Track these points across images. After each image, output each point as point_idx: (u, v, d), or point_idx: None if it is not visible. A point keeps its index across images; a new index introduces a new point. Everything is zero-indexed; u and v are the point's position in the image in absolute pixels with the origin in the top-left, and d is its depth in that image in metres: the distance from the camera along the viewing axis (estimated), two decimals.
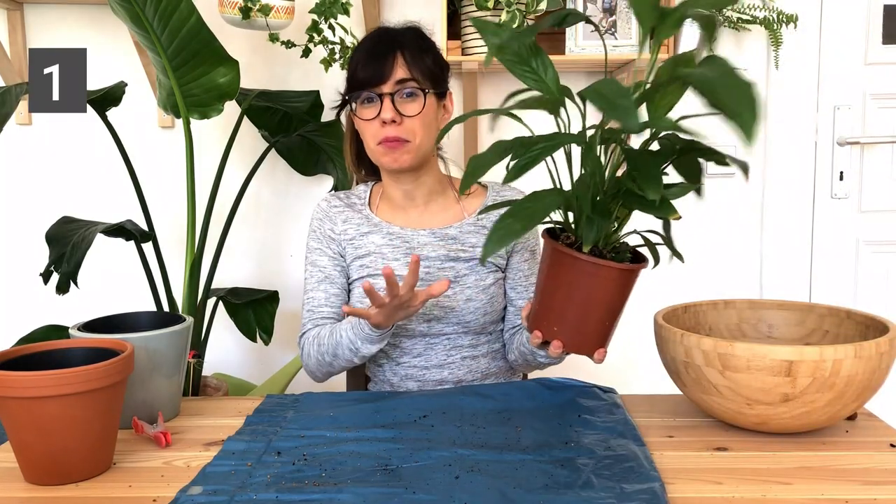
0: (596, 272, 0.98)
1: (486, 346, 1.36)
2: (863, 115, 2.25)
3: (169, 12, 1.58)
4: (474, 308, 1.32)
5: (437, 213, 1.37)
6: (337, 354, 1.28)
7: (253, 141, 2.19)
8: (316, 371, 1.35)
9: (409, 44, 1.29)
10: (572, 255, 0.97)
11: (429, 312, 1.31)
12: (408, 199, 1.37)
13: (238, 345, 2.26)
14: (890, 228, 2.29)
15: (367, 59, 1.27)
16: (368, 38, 1.32)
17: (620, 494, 0.82)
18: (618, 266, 0.98)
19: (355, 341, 1.25)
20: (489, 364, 1.37)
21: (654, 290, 1.79)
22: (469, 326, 1.33)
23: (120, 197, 2.19)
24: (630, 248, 1.03)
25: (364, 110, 1.29)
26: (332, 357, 1.29)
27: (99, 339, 1.03)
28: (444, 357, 1.34)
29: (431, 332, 1.33)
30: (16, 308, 2.29)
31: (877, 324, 1.04)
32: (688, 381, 1.02)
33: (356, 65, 1.28)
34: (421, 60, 1.29)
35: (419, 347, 1.34)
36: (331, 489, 0.84)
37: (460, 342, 1.34)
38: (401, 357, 1.35)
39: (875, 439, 1.00)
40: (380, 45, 1.28)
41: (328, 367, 1.32)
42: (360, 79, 1.27)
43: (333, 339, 1.28)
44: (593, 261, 0.97)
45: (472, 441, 0.98)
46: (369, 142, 1.30)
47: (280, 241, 2.31)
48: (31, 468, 0.91)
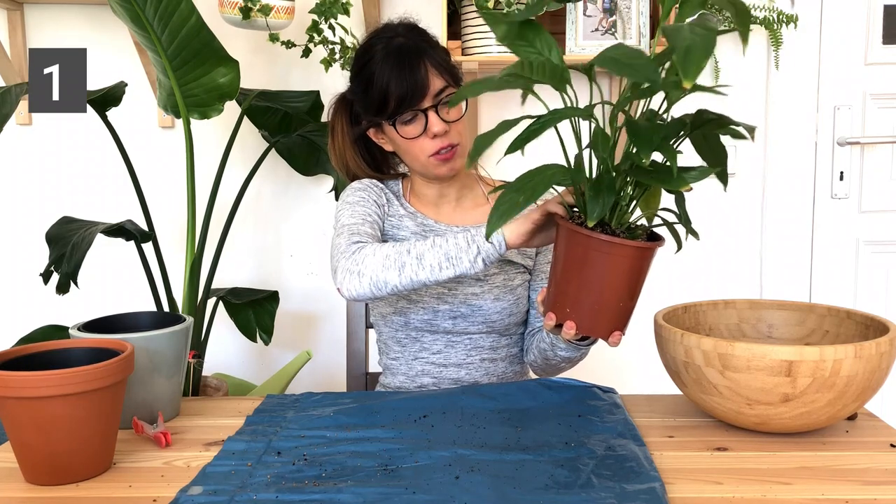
0: (609, 250, 0.96)
1: (505, 349, 1.36)
2: (863, 115, 2.25)
3: (169, 12, 1.58)
4: (501, 308, 1.31)
5: (468, 210, 1.37)
6: (406, 263, 1.13)
7: (253, 141, 2.19)
8: (363, 282, 1.16)
9: (426, 48, 1.25)
10: (584, 233, 0.96)
11: (455, 310, 1.31)
12: (440, 197, 1.36)
13: (238, 345, 2.26)
14: (890, 228, 2.29)
15: (398, 76, 1.21)
16: (386, 52, 1.23)
17: (620, 494, 0.82)
18: (631, 244, 0.96)
19: (462, 252, 1.11)
20: (506, 368, 1.36)
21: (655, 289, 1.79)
22: (494, 326, 1.33)
23: (120, 197, 2.20)
24: (646, 228, 1.01)
25: (406, 128, 1.25)
26: (400, 267, 1.14)
27: (99, 339, 1.03)
28: (464, 357, 1.33)
29: (455, 331, 1.32)
30: (16, 308, 2.29)
31: (877, 324, 1.04)
32: (688, 381, 1.02)
33: (386, 83, 1.22)
34: (442, 61, 1.26)
35: (439, 345, 1.34)
36: (331, 489, 0.84)
37: (482, 343, 1.34)
38: (420, 352, 1.35)
39: (875, 439, 1.00)
40: (405, 59, 1.22)
41: (382, 279, 1.15)
42: (399, 97, 1.22)
43: (416, 248, 1.14)
44: (606, 238, 0.95)
45: (473, 441, 0.98)
46: (419, 156, 1.26)
47: (280, 241, 2.31)
48: (31, 468, 0.91)
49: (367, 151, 1.38)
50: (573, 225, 0.98)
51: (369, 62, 1.25)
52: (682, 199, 1.00)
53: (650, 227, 1.02)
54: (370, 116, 1.28)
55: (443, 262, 1.12)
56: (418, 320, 1.32)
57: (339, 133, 1.37)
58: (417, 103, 1.23)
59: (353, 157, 1.37)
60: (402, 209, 1.36)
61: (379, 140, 1.33)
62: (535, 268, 1.37)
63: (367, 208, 1.31)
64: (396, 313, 1.33)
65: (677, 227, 1.02)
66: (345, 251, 1.20)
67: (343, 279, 1.18)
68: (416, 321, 1.32)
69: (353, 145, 1.37)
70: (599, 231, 0.96)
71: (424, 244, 1.14)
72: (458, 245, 1.11)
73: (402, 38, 1.26)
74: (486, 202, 1.39)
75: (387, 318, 1.35)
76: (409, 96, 1.22)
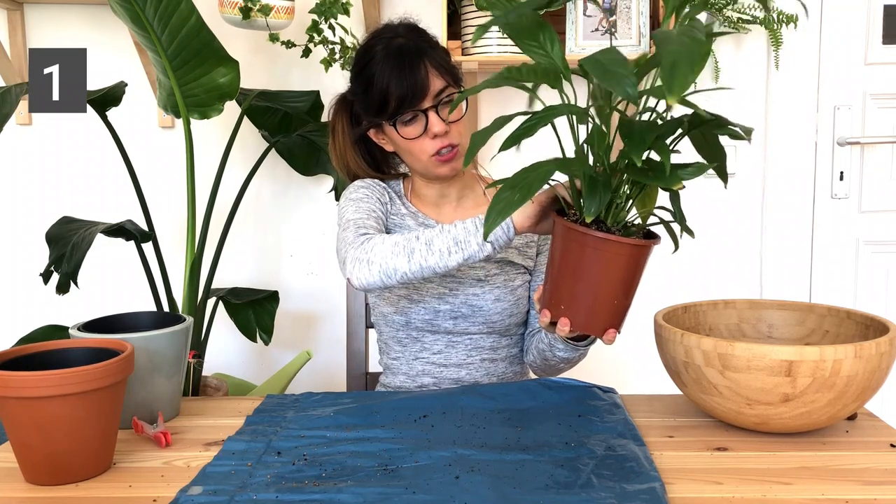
0: (604, 248, 0.96)
1: (506, 349, 1.36)
2: (863, 115, 2.25)
3: (169, 12, 1.58)
4: (501, 309, 1.31)
5: (469, 210, 1.37)
6: (416, 249, 1.13)
7: (253, 141, 2.19)
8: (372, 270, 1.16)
9: (426, 49, 1.25)
10: (580, 230, 0.96)
11: (456, 310, 1.31)
12: (441, 197, 1.37)
13: (238, 345, 2.26)
14: (890, 228, 2.29)
15: (398, 77, 1.21)
16: (386, 53, 1.23)
17: (620, 494, 0.82)
18: (627, 241, 0.96)
19: (470, 236, 1.11)
20: (506, 368, 1.37)
21: (654, 289, 1.79)
22: (494, 327, 1.33)
23: (120, 197, 2.20)
24: (643, 227, 1.01)
25: (407, 128, 1.25)
26: (409, 254, 1.13)
27: (99, 339, 1.03)
28: (465, 357, 1.34)
29: (455, 331, 1.33)
30: (16, 308, 2.29)
31: (877, 324, 1.04)
32: (688, 381, 1.02)
33: (386, 84, 1.22)
34: (443, 62, 1.26)
35: (440, 345, 1.34)
36: (331, 489, 0.84)
37: (482, 343, 1.34)
38: (420, 352, 1.35)
39: (875, 439, 1.00)
40: (405, 59, 1.22)
41: (392, 266, 1.14)
42: (399, 97, 1.22)
43: (425, 234, 1.14)
44: (600, 235, 0.95)
45: (473, 441, 0.98)
46: (419, 156, 1.27)
47: (280, 241, 2.31)
48: (31, 468, 0.91)
49: (368, 152, 1.38)
50: (569, 222, 0.98)
51: (370, 63, 1.24)
52: (676, 196, 0.99)
53: (646, 226, 1.02)
54: (371, 117, 1.28)
55: (451, 246, 1.12)
56: (419, 320, 1.32)
57: (340, 133, 1.37)
58: (418, 104, 1.23)
59: (353, 157, 1.37)
60: (403, 208, 1.36)
61: (379, 140, 1.33)
62: (535, 268, 1.37)
63: (371, 204, 1.31)
64: (397, 313, 1.33)
65: (673, 226, 1.02)
66: (353, 242, 1.20)
67: (353, 268, 1.17)
68: (416, 321, 1.32)
69: (353, 146, 1.37)
70: (595, 228, 0.96)
71: (433, 231, 1.14)
72: (467, 229, 1.12)
73: (403, 39, 1.25)
74: (486, 201, 1.39)
75: (387, 318, 1.35)
76: (410, 97, 1.22)
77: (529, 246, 1.37)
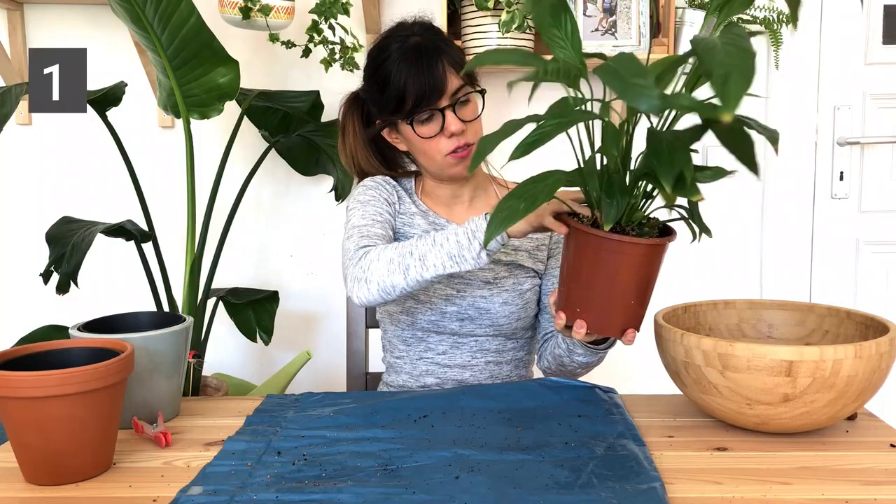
0: (621, 250, 0.95)
1: (511, 352, 1.36)
2: (863, 116, 2.25)
3: (169, 12, 1.58)
4: (509, 312, 1.31)
5: (480, 211, 1.36)
6: (410, 266, 1.13)
7: (253, 141, 2.19)
8: (371, 289, 1.17)
9: (443, 47, 1.24)
10: (596, 234, 0.96)
11: (463, 312, 1.31)
12: (454, 198, 1.36)
13: (238, 345, 2.26)
14: (890, 228, 2.29)
15: (415, 75, 1.21)
16: (402, 51, 1.22)
17: (621, 494, 0.82)
18: (643, 242, 0.96)
19: (464, 250, 1.10)
20: (511, 371, 1.36)
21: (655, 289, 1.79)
22: (500, 330, 1.32)
23: (120, 197, 2.19)
24: (657, 222, 1.00)
25: (423, 127, 1.24)
26: (405, 270, 1.14)
27: (99, 339, 1.03)
28: (469, 358, 1.33)
29: (461, 332, 1.32)
30: (16, 308, 2.29)
31: (877, 324, 1.04)
32: (688, 381, 1.02)
33: (403, 82, 1.21)
34: (459, 60, 1.26)
35: (444, 346, 1.33)
36: (331, 489, 0.84)
37: (487, 346, 1.33)
38: (425, 352, 1.34)
39: (875, 439, 1.00)
40: (423, 57, 1.22)
41: (389, 283, 1.15)
42: (417, 96, 1.21)
43: (418, 248, 1.14)
44: (618, 238, 0.95)
45: (473, 441, 0.98)
46: (434, 156, 1.26)
47: (280, 241, 2.31)
48: (31, 468, 0.91)
49: (378, 150, 1.37)
50: (584, 226, 0.97)
51: (385, 61, 1.23)
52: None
53: (661, 221, 1.01)
54: (386, 116, 1.27)
55: (446, 261, 1.12)
56: (425, 321, 1.31)
57: (351, 133, 1.36)
58: (435, 102, 1.22)
59: (365, 156, 1.36)
60: (413, 207, 1.35)
61: (393, 140, 1.32)
62: (546, 271, 1.36)
63: (377, 207, 1.30)
64: (404, 313, 1.32)
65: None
66: (352, 257, 1.21)
67: (353, 287, 1.19)
68: (423, 321, 1.32)
69: (365, 146, 1.36)
70: (609, 230, 0.95)
71: (426, 243, 1.14)
72: (460, 243, 1.11)
73: (419, 37, 1.25)
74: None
75: (393, 317, 1.34)
76: (427, 95, 1.21)
77: (540, 249, 1.36)
